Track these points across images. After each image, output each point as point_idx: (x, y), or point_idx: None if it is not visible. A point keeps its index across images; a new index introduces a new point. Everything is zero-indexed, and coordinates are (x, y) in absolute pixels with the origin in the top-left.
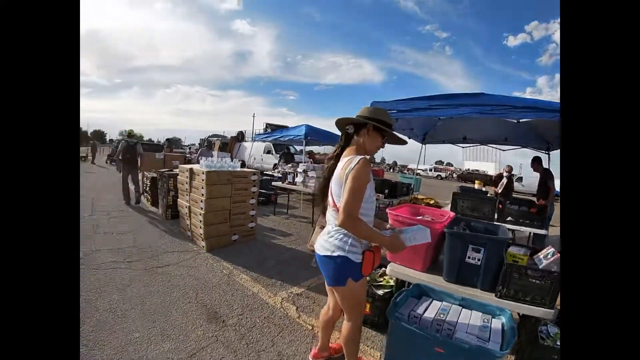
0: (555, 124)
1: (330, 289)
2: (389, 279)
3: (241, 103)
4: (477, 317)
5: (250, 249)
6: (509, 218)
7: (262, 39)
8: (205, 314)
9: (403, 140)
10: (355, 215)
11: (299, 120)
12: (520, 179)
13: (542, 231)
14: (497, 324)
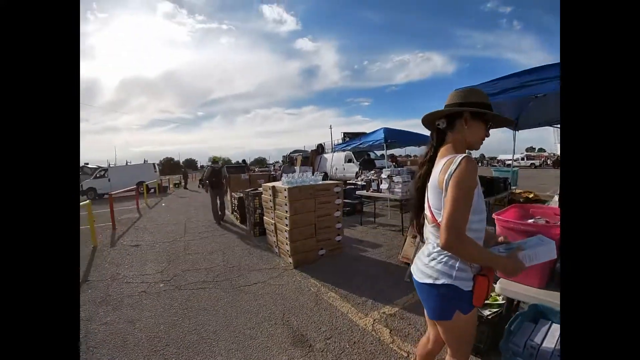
0: None
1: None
2: (496, 296)
3: (317, 117)
4: None
5: (338, 263)
6: None
7: (326, 51)
8: (292, 337)
9: (510, 120)
10: (462, 232)
11: (375, 125)
12: None
13: None
14: None
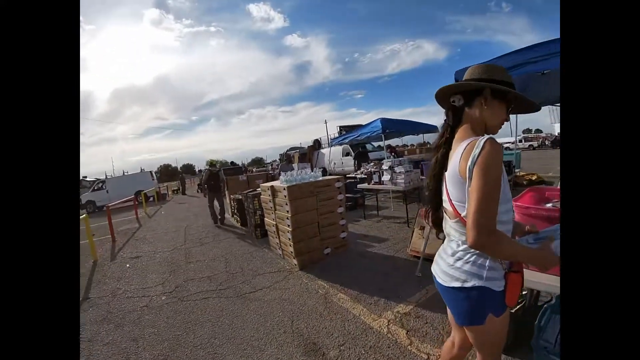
0: None
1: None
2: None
3: (311, 112)
4: None
5: (344, 261)
6: None
7: (316, 46)
8: (303, 346)
9: (535, 105)
10: (494, 228)
11: (370, 116)
12: None
13: None
14: None
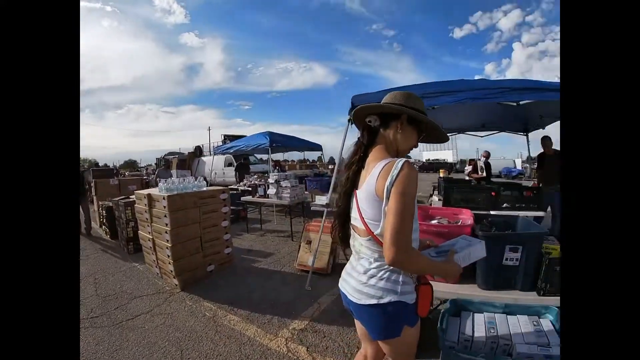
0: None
1: (367, 336)
2: None
3: (196, 117)
4: (526, 322)
5: (231, 279)
6: (504, 205)
7: (212, 50)
8: None
9: (445, 135)
10: (410, 244)
11: (255, 128)
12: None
13: (541, 213)
14: (547, 323)
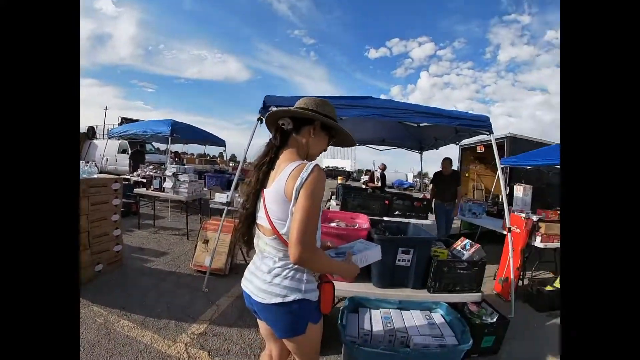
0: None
1: (272, 335)
2: None
3: (93, 93)
4: (419, 316)
5: (121, 280)
6: (396, 212)
7: (126, 21)
8: None
9: (353, 141)
10: (315, 244)
11: (156, 114)
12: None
13: (428, 221)
14: (438, 317)
